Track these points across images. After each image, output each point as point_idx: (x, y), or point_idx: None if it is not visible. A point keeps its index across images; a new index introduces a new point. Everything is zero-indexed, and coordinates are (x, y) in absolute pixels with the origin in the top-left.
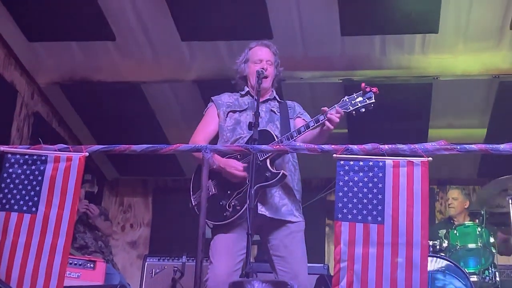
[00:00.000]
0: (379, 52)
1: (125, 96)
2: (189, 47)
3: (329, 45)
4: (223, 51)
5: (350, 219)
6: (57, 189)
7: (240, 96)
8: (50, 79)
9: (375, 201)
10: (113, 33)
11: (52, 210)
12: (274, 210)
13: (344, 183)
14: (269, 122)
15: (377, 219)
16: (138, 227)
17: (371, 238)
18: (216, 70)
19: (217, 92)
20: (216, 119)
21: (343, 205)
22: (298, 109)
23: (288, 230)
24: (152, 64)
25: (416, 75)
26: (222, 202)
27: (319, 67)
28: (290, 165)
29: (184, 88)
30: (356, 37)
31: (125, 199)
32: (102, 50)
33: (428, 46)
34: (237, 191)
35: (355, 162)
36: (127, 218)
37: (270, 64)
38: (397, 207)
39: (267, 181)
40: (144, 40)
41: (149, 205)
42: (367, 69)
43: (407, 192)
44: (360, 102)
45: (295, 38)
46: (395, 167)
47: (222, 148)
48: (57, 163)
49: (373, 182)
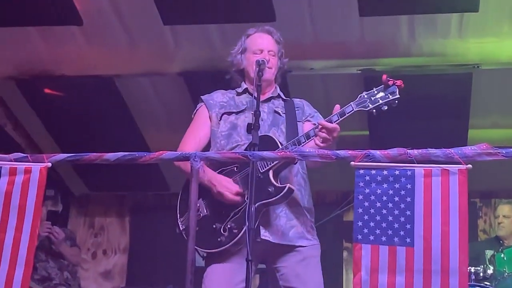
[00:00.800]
0: (406, 35)
1: (95, 93)
2: (173, 32)
3: (345, 28)
4: (215, 36)
5: (373, 241)
6: (13, 208)
7: (237, 95)
8: (3, 73)
9: (403, 219)
10: (79, 16)
11: (7, 233)
12: (280, 234)
13: (364, 196)
14: (272, 126)
15: (405, 241)
16: (113, 254)
17: (398, 264)
18: (206, 60)
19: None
20: (208, 124)
21: (363, 224)
22: (308, 109)
23: (300, 256)
24: (127, 54)
25: (452, 63)
26: (215, 225)
27: (333, 55)
28: (300, 178)
29: (168, 83)
30: (377, 17)
31: (97, 220)
32: (67, 37)
33: (467, 28)
34: (233, 211)
35: (377, 171)
36: (99, 243)
37: (272, 55)
38: (430, 226)
39: (269, 198)
40: (117, 24)
41: (125, 226)
42: (391, 56)
43: (442, 207)
44: (381, 98)
45: (303, 20)
46: (426, 177)
47: (215, 156)
48: (12, 176)
49: (400, 195)
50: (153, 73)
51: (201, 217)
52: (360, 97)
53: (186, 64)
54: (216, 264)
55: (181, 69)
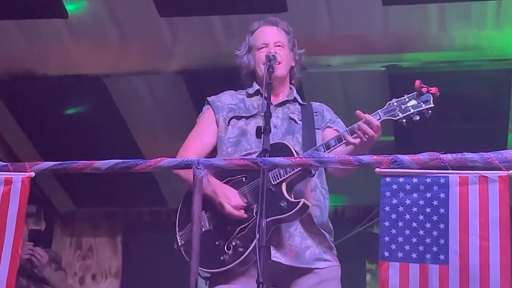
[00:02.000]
0: (436, 27)
1: (82, 95)
2: (171, 25)
3: (366, 19)
4: (218, 30)
5: (401, 259)
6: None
7: (247, 96)
8: None
9: (436, 233)
10: (64, 8)
11: None
12: (293, 255)
13: (391, 208)
14: (287, 134)
15: (438, 258)
16: (103, 279)
17: (431, 284)
18: (208, 57)
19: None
20: (214, 128)
21: (390, 240)
22: (329, 115)
23: (317, 278)
24: (118, 50)
25: (489, 58)
26: (218, 242)
27: (353, 50)
28: (318, 193)
29: (164, 82)
30: (403, 6)
31: (84, 240)
32: (50, 31)
33: (505, 17)
34: (240, 227)
35: (406, 178)
36: (88, 266)
37: (280, 47)
38: (467, 241)
39: (282, 214)
40: (106, 17)
41: (117, 247)
42: (419, 51)
43: (480, 219)
44: (413, 107)
45: (318, 9)
46: (462, 185)
47: (220, 163)
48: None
49: (432, 206)
50: (147, 72)
51: (203, 232)
52: (389, 105)
53: (186, 61)
54: (220, 285)
55: (180, 67)
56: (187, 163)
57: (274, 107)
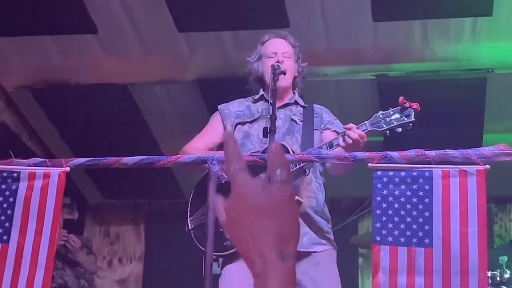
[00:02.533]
0: (419, 40)
1: (109, 101)
2: (188, 39)
3: (358, 34)
4: (229, 43)
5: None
6: (32, 213)
7: (253, 102)
8: (19, 82)
9: (421, 220)
10: (94, 25)
11: (27, 238)
12: None
13: (382, 198)
14: (287, 134)
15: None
16: (128, 262)
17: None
18: (220, 67)
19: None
20: (219, 131)
21: (382, 226)
22: (327, 117)
23: (314, 260)
24: (142, 62)
25: (466, 68)
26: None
27: (347, 61)
28: (313, 186)
29: (182, 90)
30: (391, 22)
31: (112, 228)
32: (82, 45)
33: (480, 32)
34: None
35: (395, 172)
36: (115, 251)
37: (287, 57)
38: (448, 227)
39: None
40: (132, 32)
41: (141, 234)
42: (405, 61)
43: (460, 208)
44: (396, 120)
45: (316, 26)
46: (444, 178)
47: None
48: (32, 180)
49: (418, 196)
50: (167, 81)
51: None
52: (375, 117)
53: (201, 71)
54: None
55: (196, 76)
56: (203, 159)
57: (277, 109)
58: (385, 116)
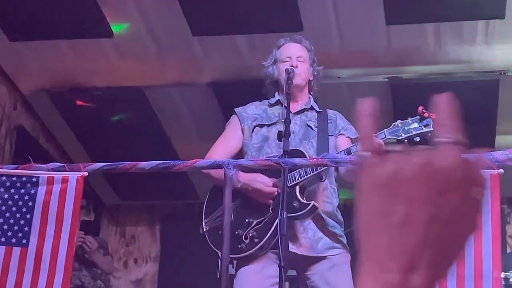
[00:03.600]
0: (432, 43)
1: (125, 104)
2: (202, 43)
3: (372, 37)
4: (243, 47)
5: None
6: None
7: (269, 106)
8: (36, 86)
9: None
10: (110, 29)
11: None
12: (308, 246)
13: None
14: (304, 140)
15: None
16: (144, 263)
17: None
18: (235, 70)
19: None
20: (239, 135)
21: None
22: (341, 122)
23: (329, 263)
24: (157, 65)
25: (478, 70)
26: (238, 232)
27: (360, 63)
28: (328, 192)
29: (197, 93)
30: (404, 26)
31: (128, 229)
32: (98, 49)
33: (493, 34)
34: (257, 220)
35: None
36: (130, 252)
37: (301, 61)
38: None
39: (294, 213)
40: (147, 36)
41: (156, 235)
42: (418, 64)
43: None
44: (414, 129)
45: (330, 29)
46: None
47: (247, 163)
48: (50, 185)
49: None
50: (182, 84)
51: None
52: (394, 125)
53: (215, 74)
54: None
55: (210, 79)
56: (219, 163)
57: (293, 115)
58: (404, 125)
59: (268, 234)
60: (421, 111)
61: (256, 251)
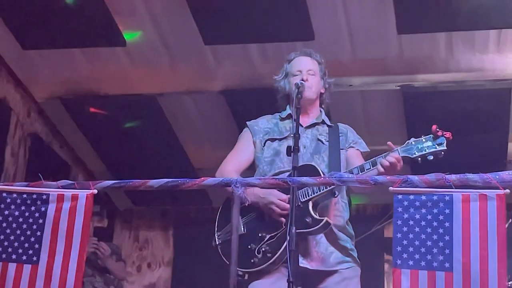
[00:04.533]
0: (444, 51)
1: (138, 111)
2: (214, 51)
3: (383, 45)
4: (255, 55)
5: (412, 266)
6: (61, 234)
7: (280, 120)
8: (50, 93)
9: (442, 244)
10: (122, 37)
11: (56, 259)
12: (320, 260)
13: (403, 222)
14: (315, 154)
15: (444, 266)
16: (157, 267)
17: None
18: (246, 78)
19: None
20: (251, 148)
21: (402, 249)
22: (352, 136)
23: (340, 277)
24: (169, 73)
25: (491, 78)
26: (251, 246)
27: (372, 72)
28: (340, 206)
29: (209, 100)
30: (415, 35)
31: (141, 233)
32: (110, 57)
33: (505, 43)
34: (270, 234)
35: (415, 196)
36: (144, 256)
37: (312, 74)
38: (468, 251)
39: (307, 228)
40: (159, 45)
41: (169, 240)
42: (430, 72)
43: (480, 232)
44: (428, 148)
45: (341, 37)
46: (464, 202)
47: (255, 182)
48: (60, 203)
49: (438, 220)
50: (194, 91)
51: (239, 235)
52: (407, 143)
53: (227, 82)
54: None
55: (222, 87)
56: (227, 182)
57: (304, 129)
58: (417, 144)
59: (281, 249)
60: (435, 130)
61: (269, 266)
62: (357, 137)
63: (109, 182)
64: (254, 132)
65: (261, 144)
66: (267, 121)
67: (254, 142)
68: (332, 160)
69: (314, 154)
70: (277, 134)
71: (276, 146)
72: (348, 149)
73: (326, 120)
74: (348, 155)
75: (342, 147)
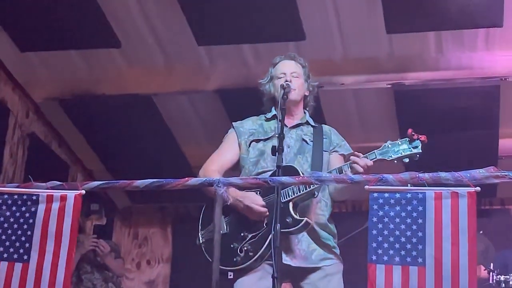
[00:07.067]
0: (434, 50)
1: (134, 110)
2: (208, 52)
3: (374, 44)
4: (248, 55)
5: (386, 261)
6: (50, 234)
7: (265, 120)
8: (47, 94)
9: (415, 240)
10: (118, 39)
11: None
12: (302, 257)
13: (378, 219)
14: (299, 154)
15: (417, 261)
16: (156, 264)
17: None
18: (240, 78)
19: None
20: (235, 149)
21: (377, 245)
22: (336, 139)
23: (323, 273)
24: (164, 73)
25: (480, 76)
26: (233, 245)
27: (363, 70)
28: (322, 204)
29: (204, 99)
30: (405, 34)
31: (140, 231)
32: (106, 58)
33: (493, 41)
34: (252, 234)
35: (390, 194)
36: (143, 253)
37: (295, 76)
38: (441, 247)
39: (287, 228)
40: (154, 46)
41: (168, 237)
42: (420, 70)
43: (452, 228)
44: (404, 151)
45: (332, 37)
46: (437, 199)
47: (237, 182)
48: (49, 203)
49: (412, 217)
50: (189, 91)
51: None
52: (384, 147)
53: (221, 81)
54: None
55: (217, 87)
56: (210, 182)
57: (288, 129)
58: (394, 146)
59: (262, 247)
60: (410, 134)
61: (251, 264)
62: (341, 139)
63: (96, 182)
64: (239, 133)
65: (246, 145)
66: (253, 123)
67: (239, 143)
68: (315, 160)
69: (298, 154)
70: (262, 135)
71: (261, 147)
72: (331, 152)
73: (310, 121)
74: (331, 159)
75: (325, 149)
